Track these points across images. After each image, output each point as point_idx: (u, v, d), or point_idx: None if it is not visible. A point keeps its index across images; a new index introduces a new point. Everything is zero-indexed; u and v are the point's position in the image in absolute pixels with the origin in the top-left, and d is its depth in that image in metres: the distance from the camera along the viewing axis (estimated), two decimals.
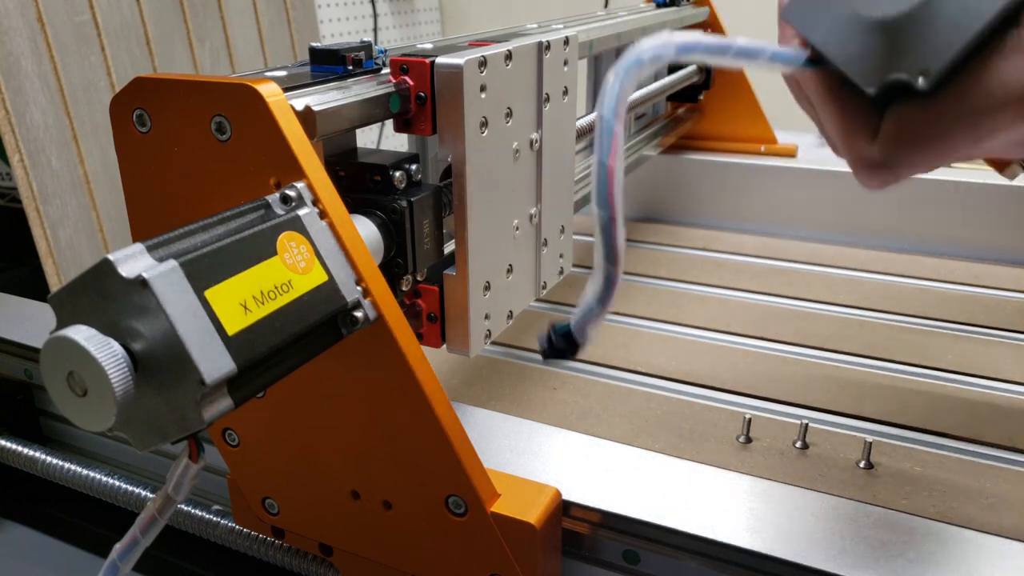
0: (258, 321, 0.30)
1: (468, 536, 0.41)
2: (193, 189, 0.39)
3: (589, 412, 0.59)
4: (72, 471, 0.58)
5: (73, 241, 0.89)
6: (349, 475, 0.43)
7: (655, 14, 0.88)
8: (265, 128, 0.35)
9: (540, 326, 0.37)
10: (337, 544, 0.46)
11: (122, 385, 0.26)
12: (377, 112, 0.44)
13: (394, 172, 0.44)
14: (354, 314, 0.35)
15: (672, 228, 1.01)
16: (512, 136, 0.51)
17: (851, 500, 0.43)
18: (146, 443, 0.29)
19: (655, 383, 0.65)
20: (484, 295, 0.51)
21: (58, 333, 0.27)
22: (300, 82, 0.42)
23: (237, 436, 0.45)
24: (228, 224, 0.32)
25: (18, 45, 0.84)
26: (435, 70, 0.45)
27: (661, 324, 0.75)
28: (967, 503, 0.49)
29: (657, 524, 0.42)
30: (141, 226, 0.42)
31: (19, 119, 0.83)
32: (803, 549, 0.39)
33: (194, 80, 0.37)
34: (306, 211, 0.34)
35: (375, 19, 1.91)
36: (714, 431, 0.57)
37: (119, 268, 0.27)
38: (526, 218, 0.55)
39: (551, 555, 0.43)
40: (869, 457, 0.53)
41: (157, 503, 0.33)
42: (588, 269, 0.88)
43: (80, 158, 0.90)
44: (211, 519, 0.53)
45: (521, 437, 0.50)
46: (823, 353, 0.69)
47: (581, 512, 0.44)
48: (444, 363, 0.66)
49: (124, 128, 0.39)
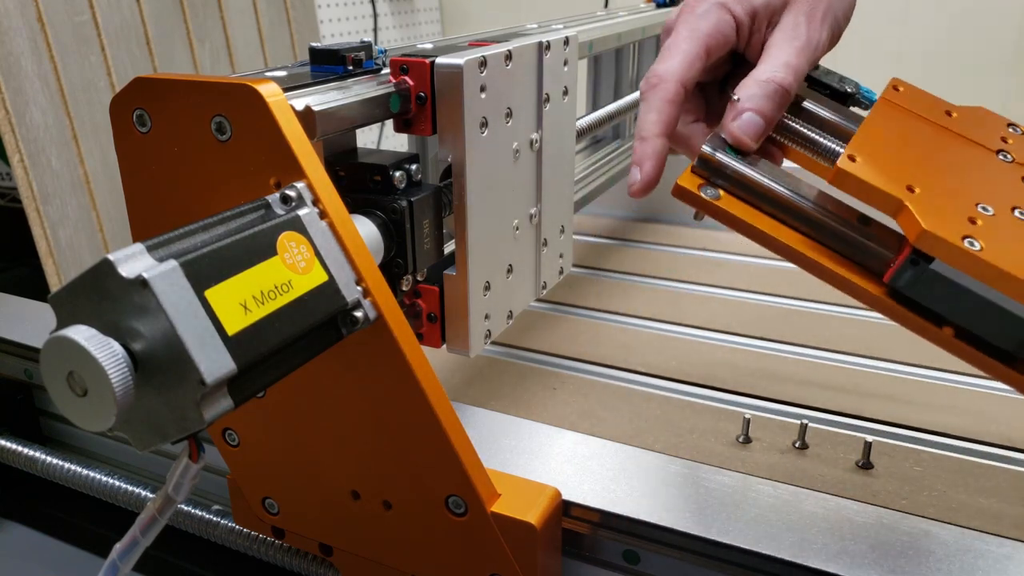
0: (258, 321, 0.30)
1: (468, 536, 0.41)
2: (193, 189, 0.39)
3: (589, 412, 0.59)
4: (72, 471, 0.58)
5: (73, 241, 0.89)
6: (349, 475, 0.43)
7: (655, 14, 0.88)
8: (265, 128, 0.35)
9: (540, 325, 0.37)
10: (337, 544, 0.46)
11: (122, 385, 0.26)
12: (377, 112, 0.44)
13: (394, 172, 0.44)
14: (354, 314, 0.35)
15: (672, 228, 1.01)
16: (512, 136, 0.51)
17: (851, 500, 0.43)
18: (146, 443, 0.29)
19: (655, 383, 0.65)
20: (484, 295, 0.51)
21: (58, 333, 0.27)
22: (300, 82, 0.42)
23: (237, 436, 0.45)
24: (228, 224, 0.32)
25: (18, 45, 0.84)
26: (435, 70, 0.45)
27: (661, 324, 0.75)
28: (967, 503, 0.49)
29: (657, 524, 0.42)
30: (141, 226, 0.42)
31: (19, 119, 0.83)
32: (803, 549, 0.39)
33: (194, 80, 0.37)
34: (306, 211, 0.34)
35: (375, 19, 1.91)
36: (714, 431, 0.57)
37: (119, 268, 0.27)
38: (526, 218, 0.55)
39: (551, 555, 0.43)
40: (869, 457, 0.53)
41: (157, 503, 0.33)
42: (588, 269, 0.88)
43: (80, 158, 0.90)
44: (211, 519, 0.53)
45: (521, 437, 0.50)
46: (823, 353, 0.69)
47: (581, 512, 0.44)
48: (444, 363, 0.66)
49: (124, 128, 0.39)
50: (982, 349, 0.37)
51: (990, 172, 0.41)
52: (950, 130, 0.43)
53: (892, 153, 0.40)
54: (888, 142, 0.40)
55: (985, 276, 0.34)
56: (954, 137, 0.42)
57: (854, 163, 0.37)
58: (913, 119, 0.43)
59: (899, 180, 0.37)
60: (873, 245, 0.39)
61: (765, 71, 0.41)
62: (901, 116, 0.43)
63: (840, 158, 0.37)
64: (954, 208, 0.37)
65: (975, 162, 0.41)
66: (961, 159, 0.41)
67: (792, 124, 0.45)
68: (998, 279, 0.34)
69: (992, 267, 0.34)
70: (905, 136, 0.42)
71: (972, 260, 0.34)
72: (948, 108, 0.44)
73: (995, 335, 0.36)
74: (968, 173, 0.40)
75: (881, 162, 0.38)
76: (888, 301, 0.38)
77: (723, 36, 0.43)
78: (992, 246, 0.35)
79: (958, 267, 0.35)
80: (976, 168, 0.41)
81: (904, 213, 0.36)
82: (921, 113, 0.43)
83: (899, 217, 0.36)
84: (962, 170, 0.40)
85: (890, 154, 0.39)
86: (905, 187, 0.37)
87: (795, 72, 0.41)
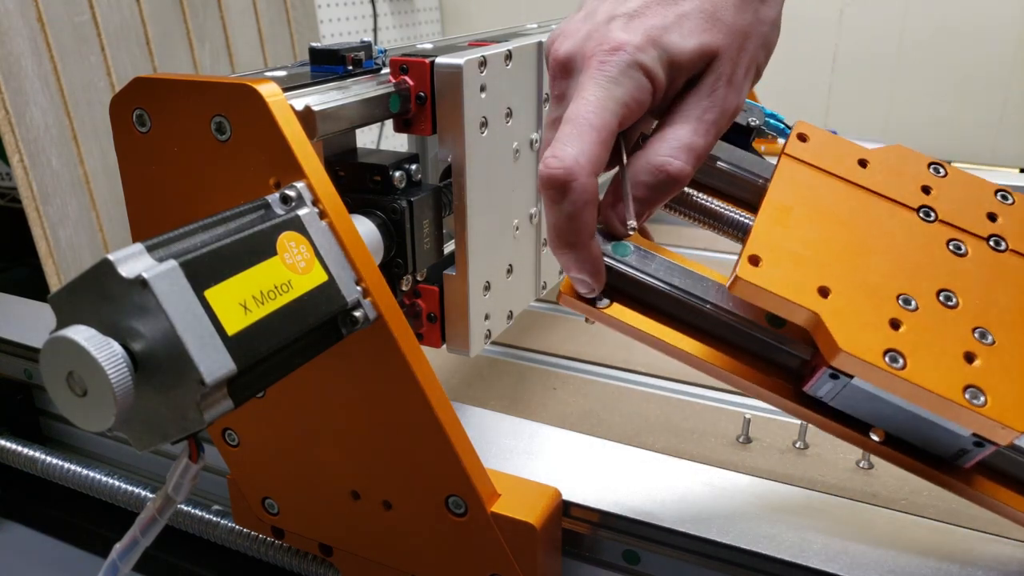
0: (258, 321, 0.30)
1: (468, 536, 0.41)
2: (193, 189, 0.39)
3: (589, 412, 0.59)
4: (72, 471, 0.58)
5: (73, 241, 0.89)
6: (349, 475, 0.43)
7: None
8: (265, 128, 0.35)
9: (540, 326, 0.37)
10: (337, 544, 0.46)
11: (122, 385, 0.26)
12: (377, 112, 0.44)
13: (394, 172, 0.44)
14: (354, 314, 0.35)
15: (672, 228, 1.01)
16: (512, 136, 0.51)
17: (851, 500, 0.43)
18: (146, 443, 0.29)
19: (655, 383, 0.65)
20: (484, 295, 0.51)
21: (58, 333, 0.27)
22: (300, 82, 0.42)
23: (237, 436, 0.45)
24: (228, 224, 0.32)
25: (18, 45, 0.84)
26: (435, 70, 0.45)
27: None
28: (967, 503, 0.49)
29: (657, 524, 0.42)
30: (141, 226, 0.42)
31: (19, 119, 0.83)
32: (803, 549, 0.39)
33: (194, 80, 0.37)
34: (306, 211, 0.34)
35: (375, 19, 1.91)
36: (714, 431, 0.57)
37: (119, 268, 0.27)
38: (526, 218, 0.55)
39: (551, 555, 0.43)
40: (869, 457, 0.53)
41: (157, 503, 0.33)
42: None
43: (80, 158, 0.90)
44: (211, 519, 0.53)
45: (521, 437, 0.50)
46: None
47: (581, 512, 0.44)
48: (444, 363, 0.66)
49: (124, 128, 0.39)
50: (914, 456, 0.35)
51: (913, 244, 0.36)
52: (865, 188, 0.38)
53: (800, 242, 0.35)
54: (796, 225, 0.35)
55: (913, 397, 0.32)
56: (870, 199, 0.38)
57: (757, 268, 0.33)
58: (822, 180, 0.38)
59: (810, 281, 0.33)
60: (786, 348, 0.35)
61: (660, 152, 0.35)
62: (808, 179, 0.38)
63: (740, 263, 0.33)
64: (873, 310, 0.33)
65: (895, 233, 0.37)
66: (879, 232, 0.36)
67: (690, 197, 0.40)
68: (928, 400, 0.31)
69: (919, 389, 0.31)
70: (814, 210, 0.36)
71: (898, 382, 0.31)
72: (861, 156, 0.40)
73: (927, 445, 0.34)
74: (888, 252, 0.36)
75: (788, 259, 0.34)
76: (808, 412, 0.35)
77: (638, 105, 0.35)
78: (918, 357, 0.32)
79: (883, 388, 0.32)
80: (897, 242, 0.36)
81: (819, 330, 0.32)
82: (831, 169, 0.39)
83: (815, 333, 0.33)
84: (881, 249, 0.36)
85: (798, 244, 0.35)
86: (817, 290, 0.33)
87: (695, 156, 0.35)
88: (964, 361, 0.32)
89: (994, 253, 0.37)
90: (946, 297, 0.34)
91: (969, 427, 0.32)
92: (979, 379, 0.32)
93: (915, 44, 1.64)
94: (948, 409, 0.31)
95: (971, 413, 0.31)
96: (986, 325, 0.33)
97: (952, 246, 0.37)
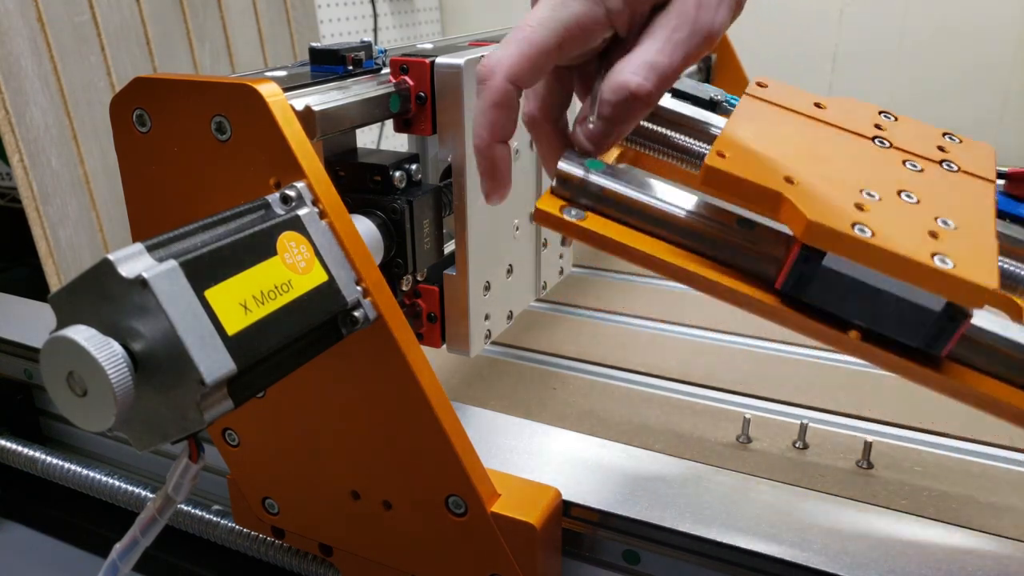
0: (258, 321, 0.30)
1: (468, 536, 0.41)
2: (193, 189, 0.39)
3: (589, 412, 0.59)
4: (72, 471, 0.58)
5: (73, 241, 0.89)
6: (349, 475, 0.43)
7: None
8: (265, 128, 0.35)
9: (540, 325, 0.37)
10: (337, 544, 0.46)
11: (122, 385, 0.26)
12: (377, 112, 0.44)
13: (394, 172, 0.44)
14: (354, 314, 0.35)
15: None
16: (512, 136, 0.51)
17: (851, 500, 0.43)
18: (146, 443, 0.29)
19: (655, 383, 0.64)
20: (484, 295, 0.51)
21: (58, 333, 0.27)
22: (300, 82, 0.42)
23: (237, 436, 0.45)
24: (228, 224, 0.32)
25: (18, 45, 0.84)
26: (435, 70, 0.45)
27: (661, 324, 0.75)
28: (967, 503, 0.49)
29: (657, 524, 0.42)
30: (141, 226, 0.42)
31: (19, 119, 0.83)
32: (803, 549, 0.39)
33: (194, 80, 0.37)
34: (306, 211, 0.34)
35: (375, 19, 1.91)
36: (714, 431, 0.57)
37: (119, 268, 0.27)
38: (526, 218, 0.55)
39: (551, 555, 0.43)
40: (869, 457, 0.53)
41: (157, 503, 0.33)
42: (588, 269, 0.87)
43: (80, 158, 0.90)
44: (211, 519, 0.53)
45: (521, 437, 0.50)
46: (823, 353, 0.69)
47: (581, 512, 0.44)
48: (444, 363, 0.66)
49: (124, 128, 0.39)
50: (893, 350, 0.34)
51: (870, 158, 0.38)
52: (822, 120, 0.40)
53: (764, 146, 0.36)
54: (759, 135, 0.37)
55: (882, 264, 0.32)
56: (827, 127, 0.40)
57: (723, 159, 0.34)
58: (782, 113, 0.40)
59: (775, 172, 0.34)
60: (759, 248, 0.36)
61: (623, 70, 0.35)
62: (769, 111, 0.40)
63: (708, 155, 0.34)
64: (838, 196, 0.34)
65: (852, 149, 0.38)
66: (837, 147, 0.38)
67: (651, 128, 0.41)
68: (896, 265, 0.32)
69: (888, 253, 0.31)
70: (776, 129, 0.38)
71: (866, 248, 0.31)
72: (817, 100, 0.41)
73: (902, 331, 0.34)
74: (847, 160, 0.37)
75: (753, 156, 0.35)
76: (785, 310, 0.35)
77: (584, 32, 0.35)
78: (884, 231, 0.32)
79: (852, 258, 0.32)
80: (855, 155, 0.38)
81: (786, 206, 0.33)
82: (789, 106, 0.40)
83: (781, 212, 0.33)
84: (840, 158, 0.37)
85: (762, 147, 0.36)
86: (783, 179, 0.34)
87: (657, 74, 0.34)
88: (929, 236, 0.33)
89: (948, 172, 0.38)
90: (907, 196, 0.35)
91: (939, 292, 0.32)
92: (945, 250, 0.32)
93: (915, 44, 1.64)
94: (918, 272, 0.32)
95: (941, 275, 0.31)
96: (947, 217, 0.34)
97: (908, 165, 0.38)
